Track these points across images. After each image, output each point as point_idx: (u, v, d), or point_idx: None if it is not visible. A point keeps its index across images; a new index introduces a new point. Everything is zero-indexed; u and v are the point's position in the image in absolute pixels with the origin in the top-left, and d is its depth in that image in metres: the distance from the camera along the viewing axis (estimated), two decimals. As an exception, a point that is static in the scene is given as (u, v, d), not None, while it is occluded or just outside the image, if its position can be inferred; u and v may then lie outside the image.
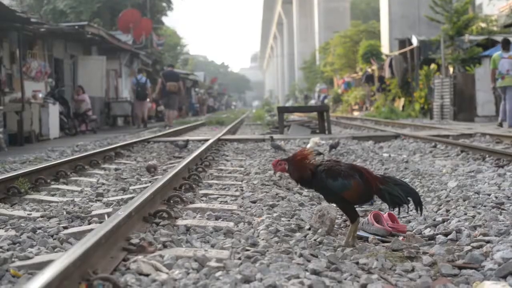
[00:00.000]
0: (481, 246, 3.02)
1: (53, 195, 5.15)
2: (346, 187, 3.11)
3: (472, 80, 17.87)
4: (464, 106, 18.20)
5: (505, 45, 13.41)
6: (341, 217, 4.08)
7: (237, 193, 4.97)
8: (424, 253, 3.05)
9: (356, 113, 30.14)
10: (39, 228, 3.60)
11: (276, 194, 4.71)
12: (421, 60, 22.81)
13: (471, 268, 2.73)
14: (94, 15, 27.29)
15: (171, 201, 4.29)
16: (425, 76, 21.56)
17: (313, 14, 64.50)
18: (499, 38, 19.52)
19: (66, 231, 3.51)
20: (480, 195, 4.42)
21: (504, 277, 2.55)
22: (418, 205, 3.22)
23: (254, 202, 4.54)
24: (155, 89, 23.01)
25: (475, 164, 6.67)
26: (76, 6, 27.30)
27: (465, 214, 3.80)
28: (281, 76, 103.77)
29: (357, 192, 3.13)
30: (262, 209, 4.20)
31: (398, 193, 3.14)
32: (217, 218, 3.88)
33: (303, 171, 3.16)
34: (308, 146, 9.04)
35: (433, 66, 21.50)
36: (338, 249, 3.09)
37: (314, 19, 62.93)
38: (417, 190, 3.61)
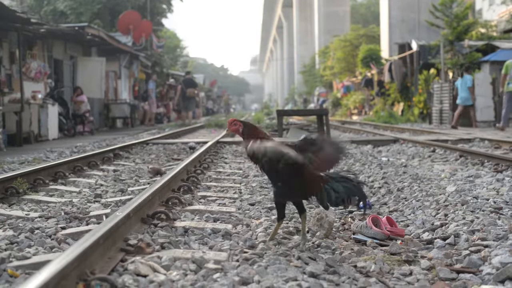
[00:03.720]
0: (479, 251, 3.02)
1: (51, 196, 5.14)
2: None
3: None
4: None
5: None
6: (340, 220, 4.08)
7: (236, 196, 4.98)
8: (422, 257, 3.05)
9: (355, 117, 30.15)
10: (37, 228, 3.60)
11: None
12: (420, 64, 22.83)
13: (469, 273, 2.73)
14: (94, 16, 27.29)
15: (170, 203, 4.29)
16: (424, 80, 21.58)
17: (313, 18, 64.53)
18: (498, 43, 19.58)
19: (64, 232, 3.51)
20: (479, 200, 4.42)
21: (502, 282, 2.55)
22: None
23: (252, 204, 4.54)
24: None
25: (473, 169, 6.67)
26: (76, 7, 27.30)
27: (464, 218, 3.79)
28: (281, 79, 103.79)
29: None
30: (260, 212, 4.20)
31: None
32: (215, 220, 3.88)
33: (254, 138, 3.11)
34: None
35: (432, 71, 21.52)
36: (336, 252, 3.08)
37: (314, 23, 62.95)
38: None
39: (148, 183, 5.76)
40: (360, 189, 3.14)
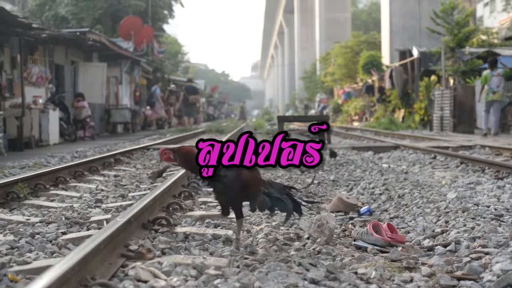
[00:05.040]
0: (480, 258, 3.01)
1: (52, 201, 5.14)
2: None
3: (472, 92, 17.88)
4: (463, 118, 18.21)
5: (493, 64, 15.02)
6: (340, 227, 4.08)
7: (236, 201, 4.96)
8: (423, 264, 3.04)
9: (356, 124, 30.15)
10: (38, 233, 3.60)
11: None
12: (421, 71, 22.84)
13: (470, 280, 2.73)
14: (96, 21, 27.34)
15: (170, 208, 4.29)
16: (425, 87, 21.58)
17: (314, 24, 64.60)
18: (499, 50, 19.60)
19: (64, 237, 3.51)
20: (479, 207, 4.42)
21: (503, 289, 2.54)
22: None
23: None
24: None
25: (474, 176, 6.67)
26: (77, 13, 27.36)
27: (464, 225, 3.79)
28: (281, 85, 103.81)
29: None
30: (261, 218, 4.20)
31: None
32: (216, 226, 3.88)
33: (188, 161, 3.14)
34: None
35: (433, 77, 21.53)
36: (337, 258, 3.08)
37: (315, 29, 63.02)
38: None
39: (149, 189, 5.76)
40: (298, 207, 3.22)
